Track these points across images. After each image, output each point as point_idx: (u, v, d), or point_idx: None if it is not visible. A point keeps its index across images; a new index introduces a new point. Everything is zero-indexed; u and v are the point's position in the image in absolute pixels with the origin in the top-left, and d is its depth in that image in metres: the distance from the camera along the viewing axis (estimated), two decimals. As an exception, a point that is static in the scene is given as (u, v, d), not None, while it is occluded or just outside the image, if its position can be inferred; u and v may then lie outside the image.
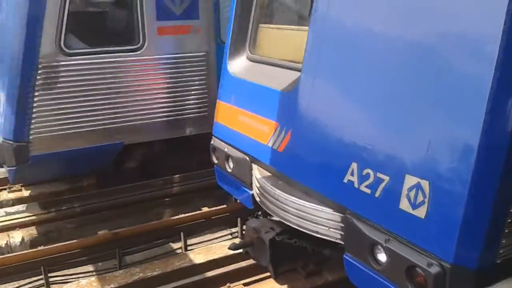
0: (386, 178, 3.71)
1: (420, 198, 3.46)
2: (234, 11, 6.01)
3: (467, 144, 3.21)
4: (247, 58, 6.00)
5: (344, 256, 4.21)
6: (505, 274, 3.26)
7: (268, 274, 5.96)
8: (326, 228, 4.32)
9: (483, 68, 3.15)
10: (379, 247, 3.80)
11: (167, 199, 8.95)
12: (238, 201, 7.31)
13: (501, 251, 3.36)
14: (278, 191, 4.78)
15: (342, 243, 4.25)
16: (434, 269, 3.36)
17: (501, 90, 3.11)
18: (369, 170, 3.85)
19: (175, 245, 7.57)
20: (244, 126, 5.62)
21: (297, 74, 4.76)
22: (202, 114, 8.74)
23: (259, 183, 5.19)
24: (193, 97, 8.64)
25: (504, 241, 3.34)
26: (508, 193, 3.26)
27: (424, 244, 3.47)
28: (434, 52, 3.47)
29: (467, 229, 3.26)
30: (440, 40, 3.44)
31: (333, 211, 4.25)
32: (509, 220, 3.31)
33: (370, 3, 4.02)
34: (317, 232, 4.41)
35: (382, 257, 3.81)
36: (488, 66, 3.10)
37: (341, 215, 4.18)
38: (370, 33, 3.99)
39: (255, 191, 5.41)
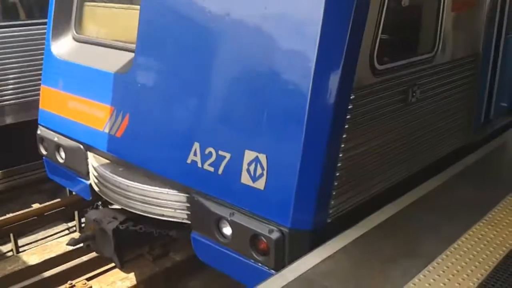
0: (228, 155, 3.84)
1: (259, 171, 3.66)
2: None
3: (297, 118, 3.50)
4: (74, 38, 5.57)
5: (192, 235, 4.26)
6: (335, 231, 3.66)
7: (113, 265, 5.73)
8: (172, 210, 4.31)
9: (308, 46, 3.44)
10: (224, 221, 3.94)
11: (-11, 199, 7.95)
12: (74, 193, 6.87)
13: (331, 212, 3.76)
14: (119, 178, 4.59)
15: (189, 222, 4.29)
16: (275, 235, 3.62)
17: (324, 67, 3.44)
18: (211, 149, 3.93)
19: (4, 248, 6.80)
20: (75, 113, 5.23)
21: (131, 55, 4.59)
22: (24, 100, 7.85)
23: (97, 171, 4.92)
24: (11, 81, 7.70)
25: (333, 202, 3.74)
26: (333, 161, 3.65)
27: (265, 213, 3.70)
28: (261, 32, 3.67)
29: (301, 196, 3.58)
30: (267, 21, 3.64)
31: (178, 192, 4.25)
32: (336, 183, 3.70)
33: None
34: (163, 215, 4.37)
35: (227, 230, 3.96)
36: (312, 45, 3.40)
37: (186, 195, 4.21)
38: (201, 11, 4.02)
39: (92, 180, 5.12)
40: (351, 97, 3.62)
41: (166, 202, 4.31)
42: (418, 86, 4.27)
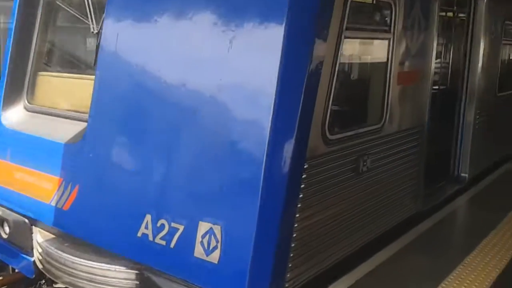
0: (181, 227, 3.72)
1: (213, 243, 3.55)
2: (8, 55, 5.46)
3: (252, 188, 3.47)
4: (25, 108, 5.46)
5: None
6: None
7: None
8: (120, 288, 4.07)
9: (262, 117, 3.49)
10: None
11: None
12: (16, 270, 6.41)
13: (287, 285, 3.65)
14: (65, 254, 4.34)
15: (139, 300, 4.05)
16: None
17: (277, 137, 3.48)
18: (163, 221, 3.80)
19: None
20: (22, 185, 5.01)
21: (83, 124, 4.52)
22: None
23: (41, 247, 4.64)
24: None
25: (289, 275, 3.64)
26: (289, 231, 3.60)
27: (219, 288, 3.54)
28: (216, 102, 3.72)
29: (256, 268, 3.46)
30: (222, 92, 3.69)
31: (128, 269, 4.03)
32: (291, 255, 3.63)
33: (154, 52, 4.10)
34: (111, 294, 4.12)
35: None
36: (266, 116, 3.45)
37: (136, 272, 4.00)
38: (157, 82, 4.05)
39: (37, 257, 4.80)
40: (305, 167, 3.65)
41: (114, 280, 4.07)
42: (368, 156, 4.38)
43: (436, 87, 6.50)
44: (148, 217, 3.88)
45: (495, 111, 7.48)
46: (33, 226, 4.87)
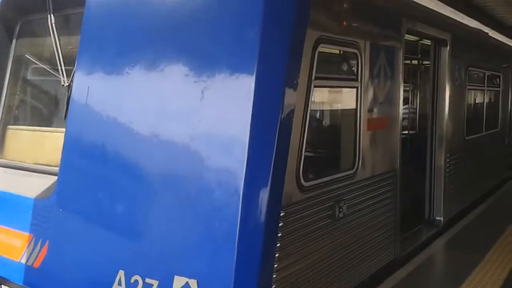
0: (155, 283, 3.60)
1: (190, 297, 3.44)
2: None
3: (228, 240, 3.41)
4: (-6, 162, 5.33)
5: None
6: None
7: None
8: None
9: (236, 167, 3.47)
10: None
11: None
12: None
13: None
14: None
15: None
16: None
17: (252, 186, 3.46)
18: (137, 277, 3.67)
19: None
20: (-12, 242, 4.81)
21: (53, 178, 4.42)
22: None
23: (9, 308, 4.42)
24: None
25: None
26: (268, 283, 3.51)
27: None
28: (190, 153, 3.69)
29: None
30: (195, 141, 3.69)
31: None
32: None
33: (126, 104, 4.09)
34: None
35: None
36: (240, 166, 3.44)
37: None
38: (129, 133, 4.03)
39: (5, 318, 4.56)
40: (281, 214, 3.62)
41: None
42: (344, 201, 4.39)
43: (406, 132, 6.64)
44: (121, 273, 3.75)
45: (464, 154, 7.67)
46: (2, 285, 4.65)
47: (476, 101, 9.41)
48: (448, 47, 6.81)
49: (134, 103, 4.06)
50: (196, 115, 3.70)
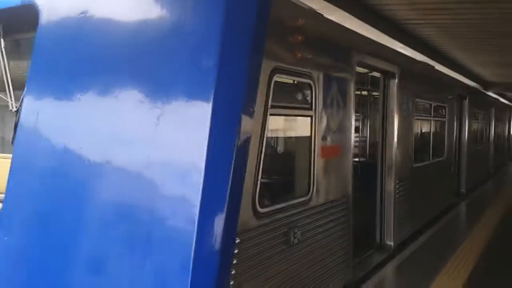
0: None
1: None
2: None
3: (182, 268, 3.34)
4: None
5: None
6: None
7: None
8: None
9: (191, 194, 3.44)
10: None
11: None
12: None
13: None
14: None
15: None
16: None
17: (207, 213, 3.43)
18: None
19: None
20: None
21: (-1, 206, 4.22)
22: None
23: None
24: None
25: None
26: None
27: None
28: (144, 181, 3.62)
29: None
30: (150, 169, 3.63)
31: None
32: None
33: (77, 130, 4.00)
34: None
35: None
36: (195, 193, 3.41)
37: None
38: (77, 161, 3.91)
39: None
40: (237, 241, 3.60)
41: None
42: (298, 227, 4.43)
43: (357, 159, 6.79)
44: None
45: (413, 181, 7.93)
46: None
47: (423, 131, 9.81)
48: (396, 79, 7.11)
49: (85, 129, 3.97)
50: (151, 142, 3.65)
